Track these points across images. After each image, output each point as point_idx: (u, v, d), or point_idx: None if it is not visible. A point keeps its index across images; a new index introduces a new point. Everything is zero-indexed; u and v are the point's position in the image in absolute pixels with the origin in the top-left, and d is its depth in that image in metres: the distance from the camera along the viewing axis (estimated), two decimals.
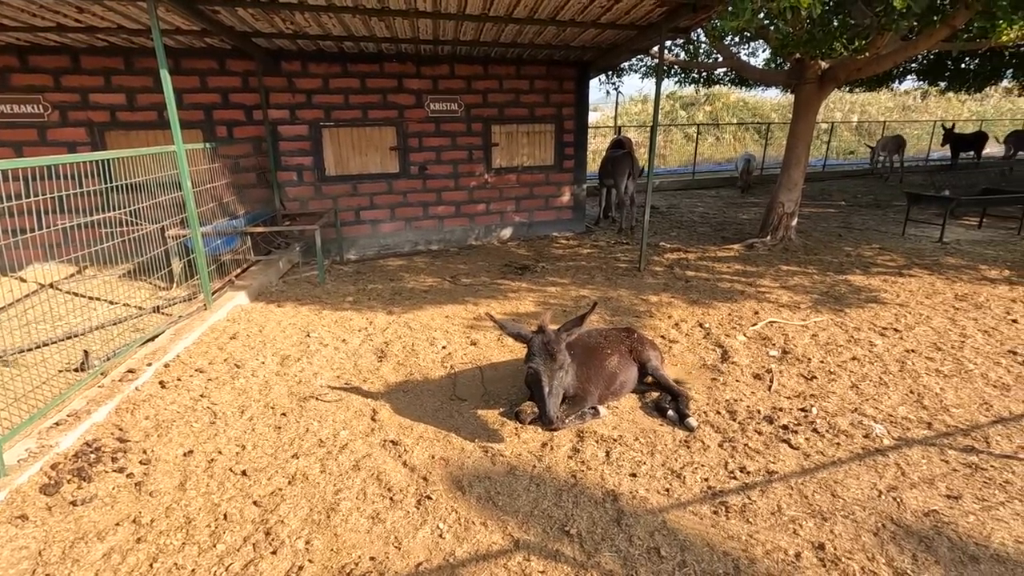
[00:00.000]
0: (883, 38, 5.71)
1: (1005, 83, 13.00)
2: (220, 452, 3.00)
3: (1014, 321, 4.94)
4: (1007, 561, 2.24)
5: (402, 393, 3.70)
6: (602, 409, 3.41)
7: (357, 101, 7.21)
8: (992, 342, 4.50)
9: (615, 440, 3.12)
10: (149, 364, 3.90)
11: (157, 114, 6.53)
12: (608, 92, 12.33)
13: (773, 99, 27.31)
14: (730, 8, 3.86)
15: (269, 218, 6.82)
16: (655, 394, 3.66)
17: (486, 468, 2.88)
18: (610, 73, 10.48)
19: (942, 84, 12.15)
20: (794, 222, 7.86)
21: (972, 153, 17.22)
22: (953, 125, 16.54)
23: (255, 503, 2.60)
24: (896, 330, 4.76)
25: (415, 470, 2.86)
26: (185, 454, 2.98)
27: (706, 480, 2.76)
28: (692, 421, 3.27)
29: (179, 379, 3.83)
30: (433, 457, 2.97)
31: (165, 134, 6.42)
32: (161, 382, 3.76)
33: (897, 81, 12.80)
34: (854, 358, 4.22)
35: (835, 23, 5.45)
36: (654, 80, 10.41)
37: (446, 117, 7.61)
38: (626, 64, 10.53)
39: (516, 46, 6.95)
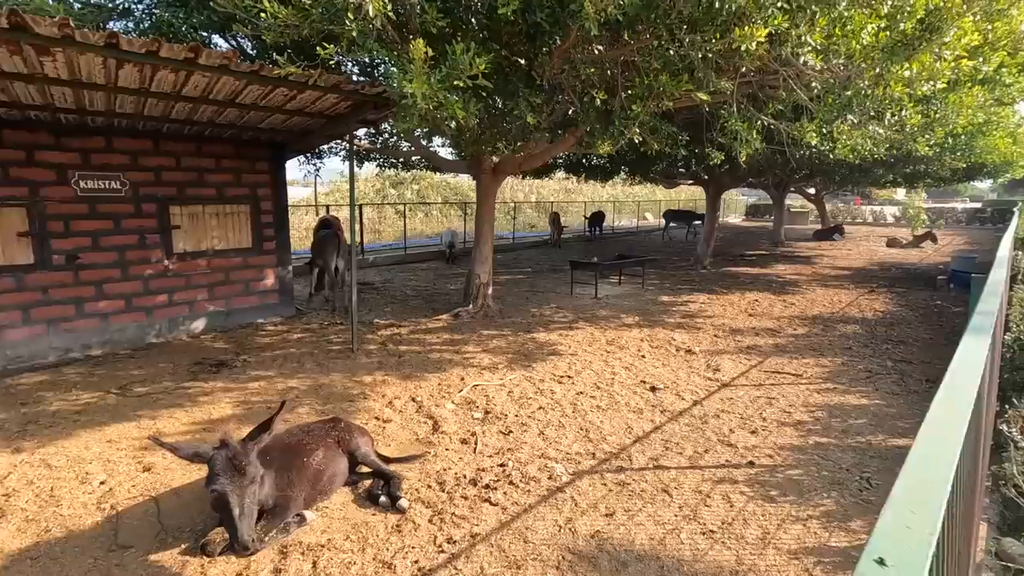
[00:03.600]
0: (532, 142, 7.14)
1: (622, 175, 17.56)
2: None
3: (643, 356, 6.48)
4: (645, 558, 2.82)
5: (29, 562, 2.78)
6: (309, 514, 3.16)
7: None
8: (631, 375, 5.80)
9: (323, 546, 2.91)
10: None
11: None
12: (306, 174, 12.20)
13: (471, 181, 31.19)
14: (401, 113, 4.34)
15: None
16: (368, 482, 3.57)
17: None
18: (309, 155, 10.48)
19: (583, 175, 15.74)
20: (490, 290, 8.91)
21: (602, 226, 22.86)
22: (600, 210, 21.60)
23: None
24: (569, 377, 5.74)
25: None
26: None
27: (416, 562, 2.78)
28: (404, 502, 3.28)
29: None
30: None
31: None
32: None
33: (555, 172, 16.10)
34: (540, 407, 4.90)
35: (495, 128, 6.57)
36: (355, 162, 10.79)
37: (105, 197, 6.41)
38: (326, 146, 10.70)
39: (192, 123, 6.38)
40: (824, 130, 6.12)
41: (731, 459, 3.94)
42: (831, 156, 7.73)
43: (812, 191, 25.02)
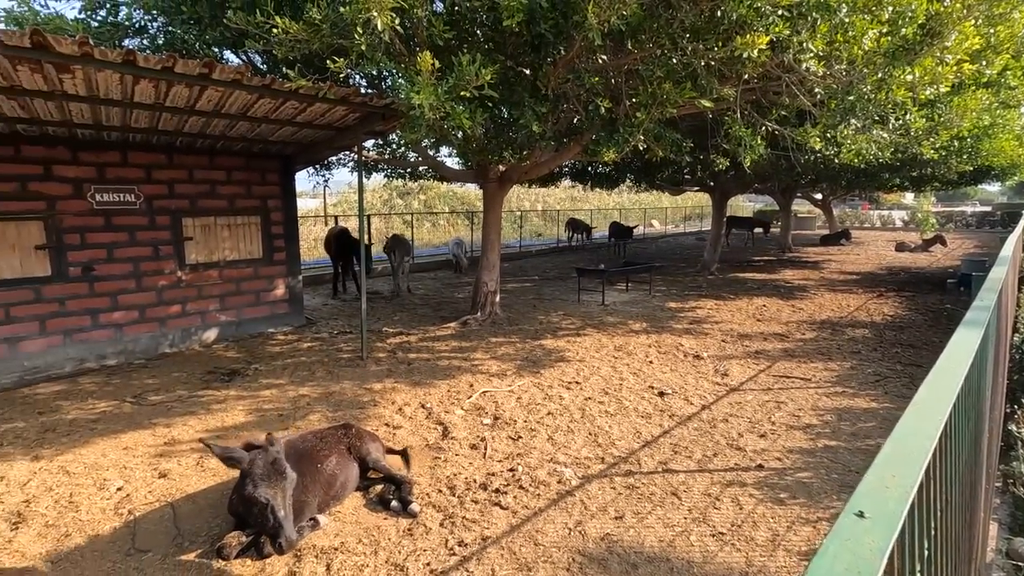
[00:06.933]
0: (537, 150, 7.22)
1: (628, 183, 17.61)
2: None
3: (651, 362, 6.49)
4: (655, 560, 2.84)
5: (50, 566, 2.84)
6: (322, 518, 3.20)
7: None
8: (639, 381, 5.82)
9: (336, 549, 2.95)
10: None
11: None
12: (315, 185, 12.37)
13: (477, 191, 31.36)
14: (409, 123, 4.42)
15: None
16: (380, 487, 3.62)
17: None
18: (318, 166, 10.62)
19: (589, 183, 15.82)
20: (498, 298, 8.96)
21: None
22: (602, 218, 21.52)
23: None
24: (578, 383, 5.76)
25: None
26: None
27: (428, 565, 2.81)
28: (415, 507, 3.32)
29: None
30: None
31: None
32: None
33: (561, 180, 16.19)
34: (549, 413, 4.93)
35: (501, 138, 6.65)
36: (363, 173, 10.91)
37: (119, 209, 6.54)
38: (335, 158, 10.85)
39: (205, 136, 6.52)
40: (828, 135, 6.15)
41: (740, 462, 3.95)
42: (836, 161, 7.75)
43: (819, 196, 24.95)
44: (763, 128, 6.36)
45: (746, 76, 5.15)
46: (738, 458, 4.01)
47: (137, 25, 6.10)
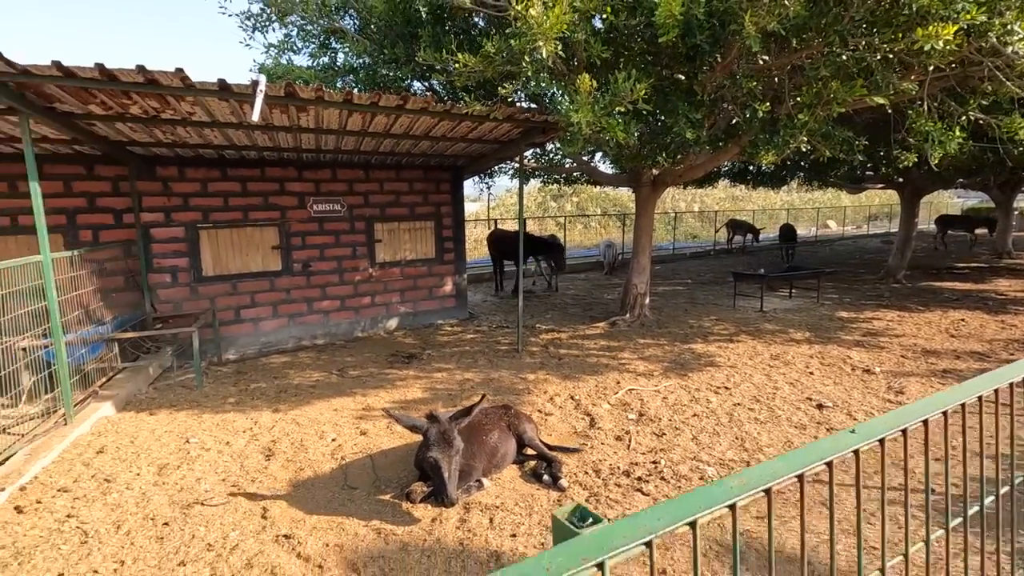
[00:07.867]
0: (692, 154, 7.21)
1: (795, 182, 16.25)
2: (95, 572, 2.90)
3: (811, 373, 6.15)
4: (793, 560, 2.90)
5: (293, 488, 3.78)
6: (486, 481, 3.77)
7: (238, 203, 7.38)
8: (796, 391, 5.59)
9: (497, 507, 3.48)
10: (1, 489, 3.60)
11: (9, 220, 6.20)
12: (481, 191, 13.50)
13: (630, 192, 31.06)
14: (567, 137, 4.86)
15: (138, 322, 6.55)
16: (533, 463, 4.10)
17: (379, 548, 3.08)
18: (483, 175, 11.65)
19: (750, 183, 14.94)
20: (647, 300, 9.06)
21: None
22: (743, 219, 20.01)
23: None
24: (727, 388, 5.72)
25: (310, 560, 2.98)
26: None
27: None
28: (563, 482, 3.74)
29: (39, 501, 3.58)
30: (327, 545, 3.12)
31: (17, 240, 6.12)
32: (17, 507, 3.49)
33: (718, 181, 15.53)
34: (695, 415, 5.02)
35: (655, 144, 6.80)
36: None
37: (329, 217, 8.00)
38: (497, 167, 11.78)
39: (394, 154, 7.67)
40: None
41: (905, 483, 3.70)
42: None
43: None
44: (962, 118, 5.66)
45: (932, 67, 4.70)
46: (902, 478, 3.76)
47: (349, 67, 7.42)
